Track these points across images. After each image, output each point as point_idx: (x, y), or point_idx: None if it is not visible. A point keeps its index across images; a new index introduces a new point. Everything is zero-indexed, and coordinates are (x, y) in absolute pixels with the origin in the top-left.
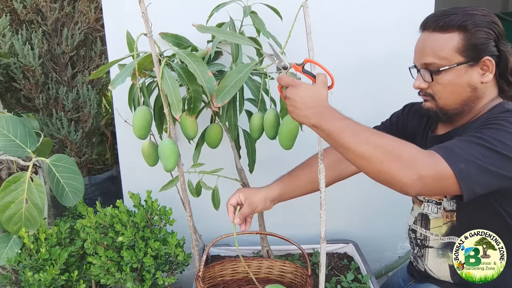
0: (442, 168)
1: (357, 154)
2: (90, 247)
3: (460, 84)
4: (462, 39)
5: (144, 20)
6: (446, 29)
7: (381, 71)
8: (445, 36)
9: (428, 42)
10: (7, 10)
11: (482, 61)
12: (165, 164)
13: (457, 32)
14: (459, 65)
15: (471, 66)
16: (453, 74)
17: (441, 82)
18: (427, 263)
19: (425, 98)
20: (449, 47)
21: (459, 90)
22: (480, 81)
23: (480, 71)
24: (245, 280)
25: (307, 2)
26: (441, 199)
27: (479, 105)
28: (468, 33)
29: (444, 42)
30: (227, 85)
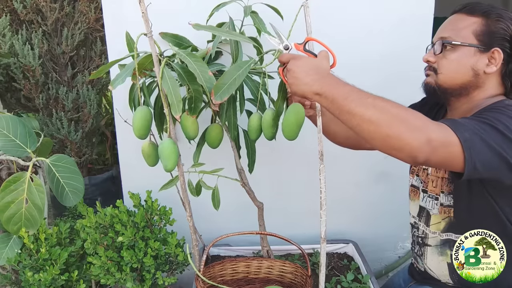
0: (449, 134)
1: (364, 119)
2: (90, 247)
3: (464, 65)
4: (483, 24)
5: (144, 20)
6: (472, 12)
7: (381, 70)
8: (469, 18)
9: (452, 20)
10: (7, 10)
11: (492, 51)
12: (165, 164)
13: (480, 17)
14: (471, 46)
15: (480, 52)
16: (462, 53)
17: (449, 57)
18: (426, 262)
19: (428, 72)
20: (468, 28)
21: (462, 70)
22: (484, 70)
23: (486, 61)
24: (245, 280)
25: (307, 2)
26: (438, 194)
27: (479, 96)
28: (490, 20)
29: (466, 22)
30: (226, 82)
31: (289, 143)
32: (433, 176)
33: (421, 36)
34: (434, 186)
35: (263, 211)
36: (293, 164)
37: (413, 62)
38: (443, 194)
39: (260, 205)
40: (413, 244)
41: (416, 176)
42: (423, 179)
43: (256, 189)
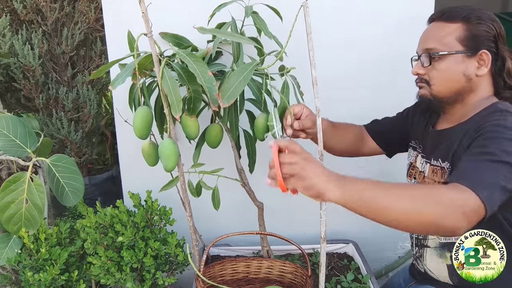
0: (474, 200)
1: (396, 211)
2: (90, 247)
3: (455, 72)
4: (465, 29)
5: (144, 20)
6: (452, 19)
7: (380, 70)
8: (450, 25)
9: (433, 29)
10: (7, 10)
11: (479, 54)
12: (165, 164)
13: (461, 23)
14: (458, 53)
15: (468, 57)
16: (451, 61)
17: (438, 68)
18: (425, 263)
19: (420, 84)
20: (451, 35)
21: (454, 78)
22: (475, 73)
23: (476, 64)
24: (245, 280)
25: (307, 2)
26: None
27: (473, 99)
28: (471, 25)
29: (448, 30)
30: (232, 85)
31: None
32: (430, 180)
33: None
34: None
35: (263, 211)
36: None
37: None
38: None
39: (260, 205)
40: (412, 246)
41: (414, 179)
42: (421, 181)
43: (256, 189)
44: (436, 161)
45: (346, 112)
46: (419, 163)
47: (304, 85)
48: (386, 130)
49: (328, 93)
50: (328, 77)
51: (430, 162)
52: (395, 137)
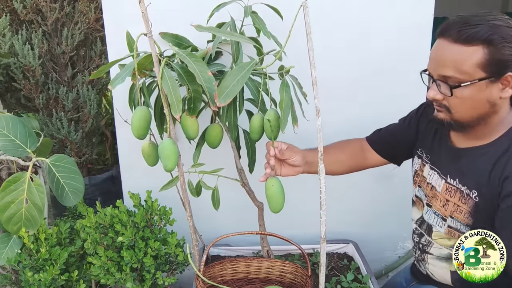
0: None
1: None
2: (90, 247)
3: (479, 100)
4: (486, 53)
5: (144, 20)
6: (470, 42)
7: (380, 70)
8: (469, 49)
9: (448, 53)
10: (7, 10)
11: (504, 77)
12: (165, 164)
13: (481, 46)
14: (481, 81)
15: (492, 82)
16: (473, 90)
17: (460, 96)
18: (428, 267)
19: (439, 109)
20: (471, 62)
21: (477, 105)
22: (499, 96)
23: (500, 86)
24: (245, 280)
25: (307, 2)
26: (446, 216)
27: (494, 119)
28: (494, 48)
29: (466, 55)
30: (229, 85)
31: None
32: (442, 197)
33: (421, 36)
34: (442, 206)
35: (263, 211)
36: None
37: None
38: (453, 219)
39: (260, 205)
40: (414, 248)
41: (418, 187)
42: (427, 193)
43: (256, 189)
44: (453, 180)
45: (346, 112)
46: (427, 173)
47: (303, 85)
48: (389, 142)
49: (328, 93)
50: (328, 77)
51: (445, 179)
52: (401, 148)
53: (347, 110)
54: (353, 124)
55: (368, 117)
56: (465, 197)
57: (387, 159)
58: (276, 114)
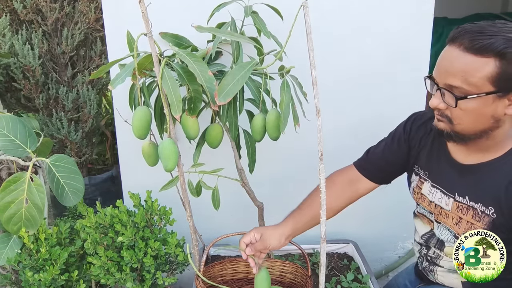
0: None
1: None
2: (90, 247)
3: (483, 114)
4: (498, 67)
5: (144, 20)
6: (483, 52)
7: (380, 70)
8: (480, 60)
9: (458, 62)
10: (7, 10)
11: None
12: (165, 164)
13: (493, 58)
14: (488, 95)
15: (499, 97)
16: (479, 103)
17: (464, 108)
18: (437, 277)
19: (440, 118)
20: (481, 74)
21: (481, 120)
22: (504, 112)
23: (506, 102)
24: (245, 280)
25: (307, 2)
26: (459, 234)
27: (498, 134)
28: (506, 62)
29: (477, 66)
30: (229, 84)
31: (290, 143)
32: (454, 215)
33: (421, 36)
34: (455, 224)
35: (263, 211)
36: (293, 164)
37: (413, 62)
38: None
39: (260, 205)
40: (421, 259)
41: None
42: (432, 211)
43: (256, 189)
44: (462, 198)
45: (346, 112)
46: (428, 191)
47: (304, 85)
48: (382, 168)
49: (328, 93)
50: (328, 77)
51: (453, 197)
52: (394, 170)
53: (347, 110)
54: (353, 124)
55: (367, 117)
56: (480, 214)
57: (380, 183)
58: (278, 114)
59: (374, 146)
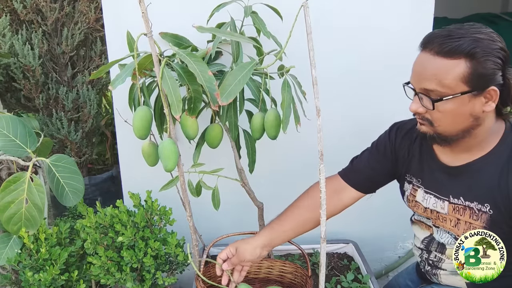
0: None
1: None
2: (90, 247)
3: (461, 114)
4: (469, 67)
5: (144, 20)
6: (452, 55)
7: (380, 70)
8: (450, 62)
9: (430, 66)
10: (7, 10)
11: (487, 91)
12: (165, 164)
13: (464, 59)
14: (463, 94)
15: (475, 96)
16: (456, 103)
17: (442, 110)
18: (440, 280)
19: (421, 122)
20: (453, 75)
21: (460, 119)
22: (482, 110)
23: (483, 100)
24: (245, 280)
25: (307, 2)
26: (459, 236)
27: (480, 132)
28: (476, 62)
29: (448, 69)
30: (231, 84)
31: (290, 143)
32: (452, 217)
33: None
34: (454, 226)
35: (263, 211)
36: (293, 164)
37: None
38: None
39: (260, 205)
40: (423, 263)
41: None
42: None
43: (256, 189)
44: (457, 199)
45: (346, 111)
46: (421, 198)
47: (304, 85)
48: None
49: (328, 93)
50: (328, 77)
51: (448, 200)
52: (381, 179)
53: (347, 110)
54: (353, 124)
55: (367, 117)
56: (477, 213)
57: (366, 192)
58: (277, 114)
59: (358, 156)
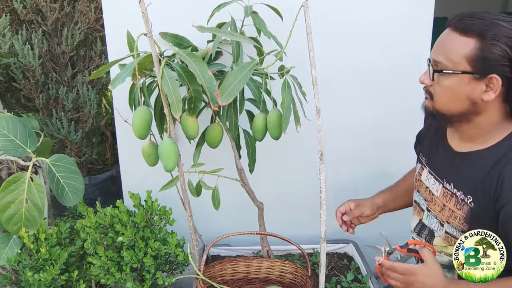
0: None
1: None
2: (90, 247)
3: (459, 94)
4: (477, 48)
5: (144, 20)
6: (466, 32)
7: (381, 70)
8: (462, 39)
9: (445, 39)
10: (7, 10)
11: (489, 77)
12: (165, 164)
13: (475, 39)
14: (463, 74)
15: (475, 79)
16: (455, 81)
17: (442, 84)
18: None
19: (426, 95)
20: (460, 52)
21: (457, 99)
22: (481, 97)
23: (484, 88)
24: (245, 280)
25: (307, 2)
26: (443, 221)
27: (482, 122)
28: (484, 43)
29: (458, 44)
30: (231, 84)
31: (290, 143)
32: (440, 201)
33: (421, 36)
34: (440, 211)
35: (263, 211)
36: (293, 164)
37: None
38: (449, 225)
39: (260, 205)
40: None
41: (417, 192)
42: (426, 197)
43: (256, 189)
44: (449, 184)
45: (346, 112)
46: (425, 177)
47: (304, 85)
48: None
49: (328, 93)
50: (328, 77)
51: (442, 183)
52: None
53: (347, 110)
54: (353, 124)
55: (367, 117)
56: (460, 202)
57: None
58: (279, 114)
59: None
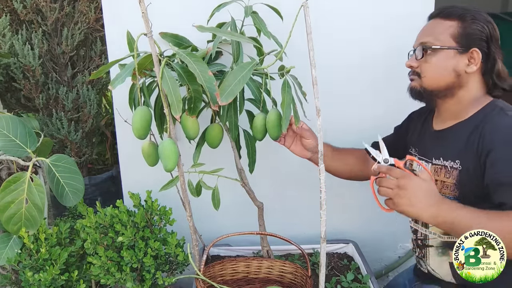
0: None
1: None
2: (90, 247)
3: (446, 67)
4: (459, 27)
5: (144, 20)
6: (448, 16)
7: (380, 69)
8: (446, 22)
9: (430, 26)
10: (7, 10)
11: (470, 52)
12: (165, 164)
13: (456, 20)
14: (450, 49)
15: (459, 53)
16: (442, 56)
17: (430, 61)
18: (429, 263)
19: (412, 77)
20: (446, 32)
21: (444, 72)
22: (464, 70)
23: (466, 61)
24: (245, 280)
25: (307, 2)
26: None
27: (464, 96)
28: (465, 23)
29: (443, 26)
30: (231, 84)
31: None
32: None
33: None
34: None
35: (263, 211)
36: (293, 164)
37: None
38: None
39: (260, 205)
40: (414, 249)
41: None
42: None
43: (256, 189)
44: (437, 160)
45: (346, 111)
46: (416, 165)
47: (304, 85)
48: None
49: (328, 93)
50: (328, 77)
51: (431, 161)
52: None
53: (347, 110)
54: (353, 124)
55: (367, 117)
56: (450, 170)
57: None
58: (279, 114)
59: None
